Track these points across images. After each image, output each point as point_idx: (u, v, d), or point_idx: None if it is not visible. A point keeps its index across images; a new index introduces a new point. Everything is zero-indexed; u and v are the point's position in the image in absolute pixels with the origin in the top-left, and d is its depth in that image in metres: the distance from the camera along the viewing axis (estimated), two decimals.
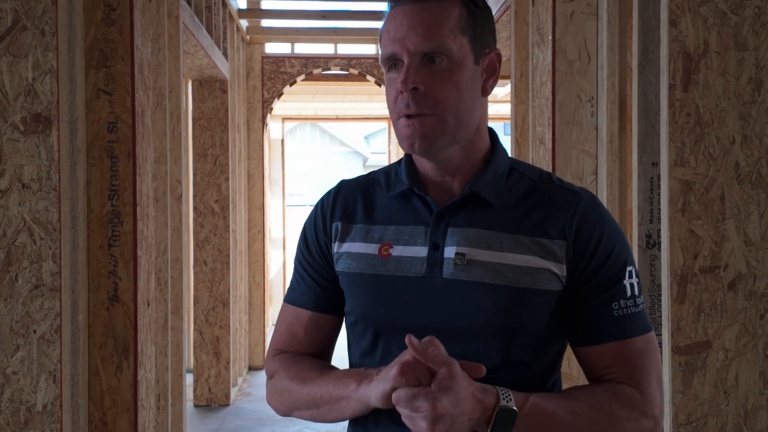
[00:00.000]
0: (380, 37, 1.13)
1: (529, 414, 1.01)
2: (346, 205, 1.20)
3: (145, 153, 2.48)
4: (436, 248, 1.10)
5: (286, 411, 1.19)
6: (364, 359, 1.15)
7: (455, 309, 1.07)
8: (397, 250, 1.12)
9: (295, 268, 1.25)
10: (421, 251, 1.11)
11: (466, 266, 1.08)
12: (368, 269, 1.13)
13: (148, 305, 2.52)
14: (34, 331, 2.04)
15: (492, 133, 1.20)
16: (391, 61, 1.10)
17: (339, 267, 1.18)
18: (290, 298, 1.24)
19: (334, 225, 1.19)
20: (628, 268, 1.10)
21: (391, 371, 0.99)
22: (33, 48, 2.04)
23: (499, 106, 8.53)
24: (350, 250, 1.16)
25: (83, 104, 2.28)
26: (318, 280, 1.20)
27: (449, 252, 1.09)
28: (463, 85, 1.09)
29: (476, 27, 1.11)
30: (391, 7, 1.11)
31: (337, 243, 1.18)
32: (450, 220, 1.12)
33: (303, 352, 1.22)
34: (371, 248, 1.14)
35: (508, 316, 1.06)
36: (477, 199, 1.13)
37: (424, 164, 1.16)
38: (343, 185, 1.24)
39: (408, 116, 1.08)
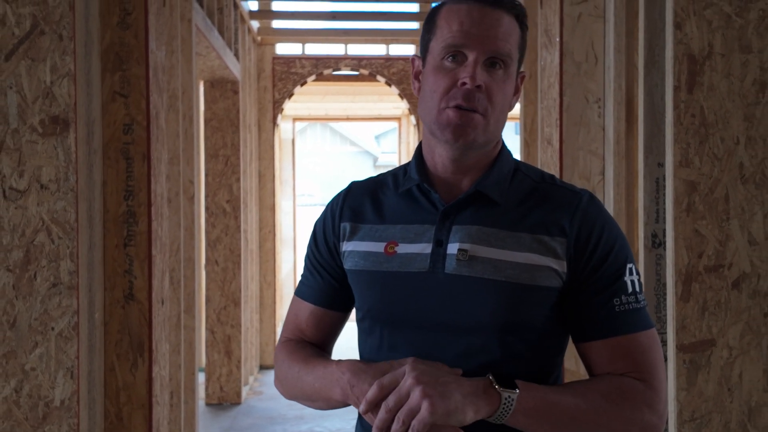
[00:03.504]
0: (438, 20, 1.15)
1: (530, 392, 1.05)
2: (355, 206, 1.25)
3: (159, 154, 2.53)
4: (440, 245, 1.15)
5: (289, 396, 1.26)
6: (372, 354, 1.19)
7: (457, 304, 1.11)
8: (403, 248, 1.16)
9: (305, 264, 1.31)
10: (426, 248, 1.15)
11: (468, 262, 1.12)
12: (374, 266, 1.18)
13: (163, 303, 2.57)
14: (53, 329, 2.09)
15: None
16: (453, 51, 1.13)
17: (347, 265, 1.22)
18: (299, 291, 1.30)
19: (342, 225, 1.24)
20: (629, 266, 1.14)
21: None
22: (51, 52, 2.09)
23: None
24: (357, 248, 1.21)
25: (99, 107, 2.34)
26: (325, 277, 1.25)
27: (452, 248, 1.13)
28: (508, 95, 1.16)
29: (522, 49, 1.18)
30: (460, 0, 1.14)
31: (345, 242, 1.23)
32: (455, 217, 1.16)
33: (305, 341, 1.27)
34: (378, 246, 1.19)
35: (508, 311, 1.10)
36: (482, 197, 1.17)
37: (435, 161, 1.20)
38: (353, 187, 1.29)
39: (459, 107, 1.11)
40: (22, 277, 2.08)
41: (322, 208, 1.32)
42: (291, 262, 8.88)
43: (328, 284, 1.26)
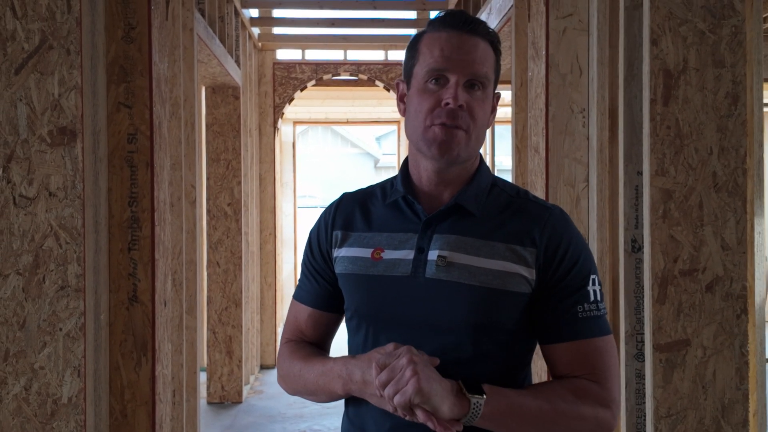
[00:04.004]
0: (420, 47, 1.27)
1: (496, 396, 1.15)
2: (346, 216, 1.36)
3: (162, 162, 2.64)
4: (421, 251, 1.26)
5: (292, 392, 1.37)
6: (359, 350, 1.30)
7: (435, 305, 1.22)
8: (388, 254, 1.27)
9: (302, 270, 1.42)
10: (409, 254, 1.26)
11: (446, 267, 1.22)
12: (362, 270, 1.29)
13: (165, 305, 2.67)
14: (60, 329, 2.19)
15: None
16: (436, 75, 1.24)
17: (338, 269, 1.33)
18: (297, 294, 1.42)
19: (334, 233, 1.35)
20: (592, 276, 1.25)
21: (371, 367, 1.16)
22: (59, 66, 2.19)
23: (508, 109, 8.64)
24: (347, 254, 1.32)
25: (105, 117, 2.44)
26: (320, 282, 1.36)
27: (432, 255, 1.24)
28: (486, 113, 1.28)
29: (497, 72, 1.30)
30: (442, 29, 1.26)
31: (336, 249, 1.34)
32: (436, 227, 1.27)
33: (305, 342, 1.38)
34: (365, 252, 1.30)
35: (481, 313, 1.21)
36: (461, 209, 1.28)
37: (420, 175, 1.31)
38: (344, 198, 1.40)
39: (444, 125, 1.22)
40: (31, 281, 2.19)
41: (323, 210, 1.44)
42: (291, 264, 8.98)
43: (324, 288, 1.37)
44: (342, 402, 1.34)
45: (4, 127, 2.18)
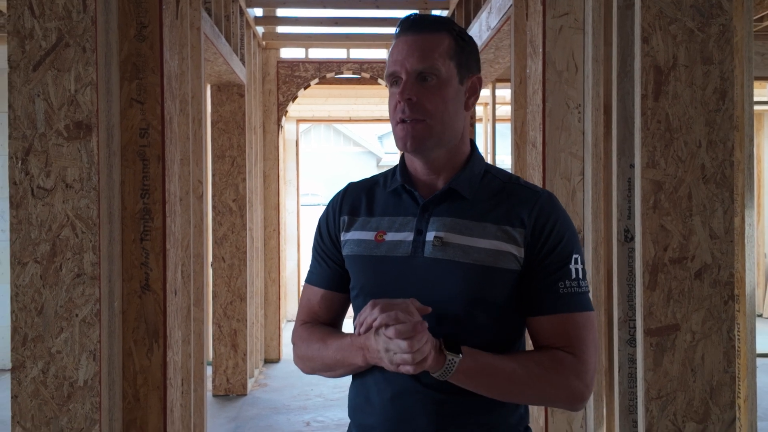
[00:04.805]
0: (387, 60, 1.39)
1: (472, 356, 1.25)
2: (352, 202, 1.46)
3: (172, 156, 2.74)
4: (420, 233, 1.36)
5: (309, 371, 1.46)
6: None
7: (433, 282, 1.32)
8: (390, 236, 1.38)
9: (312, 255, 1.52)
10: (408, 236, 1.37)
11: (442, 247, 1.33)
12: (366, 251, 1.39)
13: (176, 294, 2.77)
14: (77, 315, 2.29)
15: (472, 142, 1.45)
16: (393, 78, 1.37)
17: (345, 251, 1.43)
18: (309, 278, 1.52)
19: (342, 218, 1.45)
20: (575, 256, 1.34)
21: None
22: (75, 63, 2.29)
23: (508, 107, 8.73)
24: (353, 237, 1.42)
25: (118, 112, 2.54)
26: (330, 265, 1.46)
27: (430, 236, 1.35)
28: (449, 99, 1.35)
29: (462, 55, 1.38)
30: (397, 36, 1.38)
31: (344, 233, 1.44)
32: (432, 210, 1.37)
33: (319, 322, 1.47)
34: (369, 235, 1.40)
35: (474, 288, 1.31)
36: (455, 193, 1.38)
37: (415, 165, 1.41)
38: (350, 187, 1.51)
39: (403, 121, 1.34)
40: (48, 268, 2.29)
41: (330, 199, 1.54)
42: (295, 260, 9.08)
43: (334, 271, 1.47)
44: (345, 395, 1.43)
45: (23, 121, 2.28)
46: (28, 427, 2.28)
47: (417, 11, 6.48)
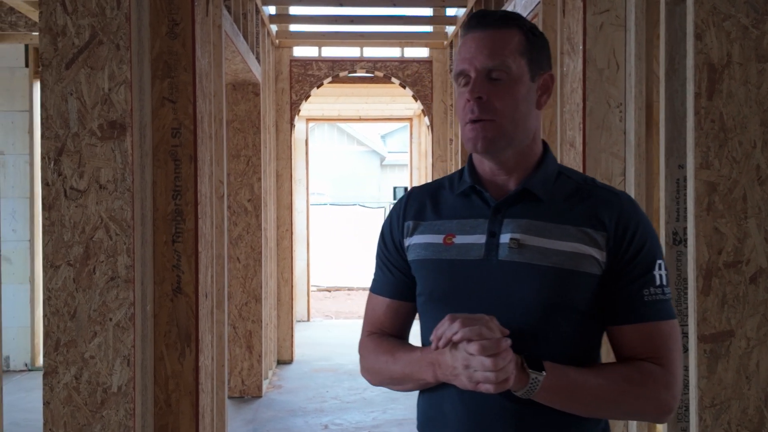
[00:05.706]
0: (454, 55, 1.33)
1: (555, 373, 1.19)
2: (416, 207, 1.40)
3: (204, 156, 2.67)
4: (493, 235, 1.30)
5: (376, 383, 1.40)
6: (431, 333, 1.33)
7: (508, 286, 1.26)
8: (460, 239, 1.32)
9: (377, 263, 1.46)
10: (480, 239, 1.30)
11: (519, 250, 1.27)
12: (434, 255, 1.33)
13: (207, 297, 2.71)
14: (110, 319, 2.23)
15: (544, 143, 1.39)
16: (462, 77, 1.31)
17: (411, 256, 1.37)
18: (373, 287, 1.46)
19: (406, 223, 1.39)
20: (658, 261, 1.28)
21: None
22: (109, 61, 2.23)
23: None
24: (419, 241, 1.36)
25: (150, 112, 2.47)
26: (394, 272, 1.40)
27: (504, 238, 1.29)
28: (520, 97, 1.30)
29: (533, 51, 1.31)
30: (464, 34, 1.32)
31: (408, 238, 1.38)
32: (506, 212, 1.32)
33: (385, 333, 1.41)
34: (437, 238, 1.34)
35: (553, 292, 1.25)
36: (529, 194, 1.32)
37: (484, 166, 1.35)
38: (413, 192, 1.45)
39: (472, 121, 1.28)
40: (82, 271, 2.23)
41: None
42: (304, 261, 9.01)
43: (399, 279, 1.41)
44: (361, 398, 1.36)
45: (55, 120, 2.22)
46: None
47: (431, 8, 6.42)
